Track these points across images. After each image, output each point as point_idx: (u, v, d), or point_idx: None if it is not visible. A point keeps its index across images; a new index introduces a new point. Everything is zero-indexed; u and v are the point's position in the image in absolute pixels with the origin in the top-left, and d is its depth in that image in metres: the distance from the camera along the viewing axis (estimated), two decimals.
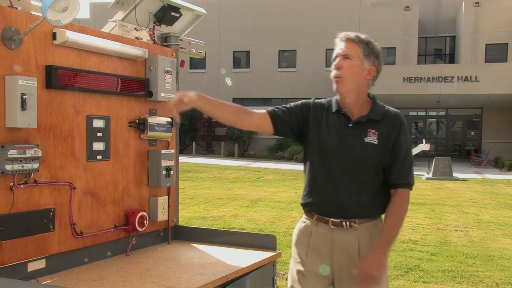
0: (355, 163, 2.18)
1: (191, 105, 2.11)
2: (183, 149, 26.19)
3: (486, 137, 26.49)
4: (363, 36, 2.23)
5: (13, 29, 2.09)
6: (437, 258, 6.05)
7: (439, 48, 30.33)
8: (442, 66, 26.82)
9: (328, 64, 27.17)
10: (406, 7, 26.91)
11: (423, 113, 28.79)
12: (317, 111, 2.30)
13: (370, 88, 2.29)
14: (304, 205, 2.33)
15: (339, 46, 2.21)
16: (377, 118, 2.22)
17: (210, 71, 29.09)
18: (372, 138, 2.19)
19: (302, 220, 2.34)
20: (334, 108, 2.27)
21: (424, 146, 18.44)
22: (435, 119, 29.92)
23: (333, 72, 2.21)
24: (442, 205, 10.55)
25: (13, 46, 2.10)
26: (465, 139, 28.73)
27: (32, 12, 2.23)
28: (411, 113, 28.61)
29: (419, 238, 7.09)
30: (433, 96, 23.69)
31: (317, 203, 2.26)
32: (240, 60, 29.60)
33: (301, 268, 2.26)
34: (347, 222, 2.19)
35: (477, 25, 26.27)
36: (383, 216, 2.25)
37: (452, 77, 22.65)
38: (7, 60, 2.09)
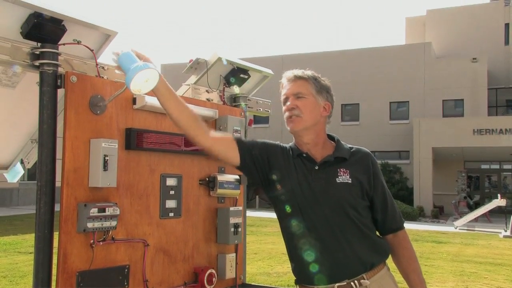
0: (335, 211, 1.94)
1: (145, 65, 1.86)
2: (247, 203, 26.28)
3: None
4: (309, 72, 2.10)
5: (99, 96, 2.28)
6: None
7: (511, 99, 29.10)
8: None
9: (392, 117, 26.83)
10: (474, 58, 26.30)
11: (497, 166, 27.33)
12: (285, 156, 2.09)
13: (327, 127, 2.13)
14: (298, 275, 2.04)
15: (287, 86, 2.07)
16: (344, 155, 2.04)
17: (273, 126, 29.53)
18: (344, 177, 1.99)
19: None
20: (295, 153, 2.07)
21: (499, 202, 17.37)
22: (511, 173, 28.24)
23: (286, 114, 2.05)
24: None
25: (98, 112, 2.28)
26: None
27: (116, 80, 2.42)
28: (483, 166, 27.26)
29: None
30: (507, 149, 22.51)
31: (314, 272, 1.95)
32: None
33: None
34: (355, 282, 1.93)
35: None
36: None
37: None
38: (92, 124, 2.27)
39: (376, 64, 27.56)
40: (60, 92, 2.23)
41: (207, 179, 2.89)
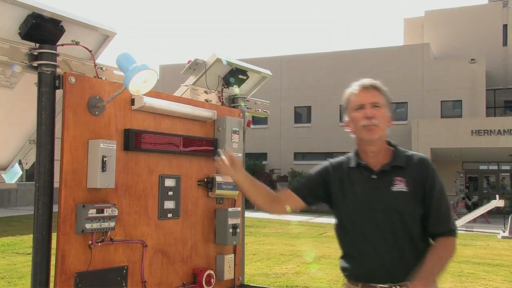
0: (389, 218, 2.01)
1: (237, 171, 2.16)
2: (245, 204, 26.28)
3: None
4: (380, 83, 2.16)
5: (97, 97, 2.28)
6: None
7: (510, 100, 29.15)
8: None
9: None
10: (472, 59, 26.35)
11: (495, 167, 27.35)
12: (337, 171, 2.19)
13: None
14: (343, 270, 2.17)
15: (362, 94, 2.11)
16: (401, 164, 2.08)
17: (272, 127, 29.55)
18: (400, 186, 2.03)
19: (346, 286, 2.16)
20: (353, 163, 2.15)
21: (498, 202, 17.38)
22: (509, 173, 28.29)
23: (365, 121, 2.08)
24: None
25: (96, 113, 2.28)
26: None
27: (114, 81, 2.42)
28: (481, 167, 27.29)
29: None
30: (505, 149, 22.55)
31: (359, 269, 2.08)
32: (301, 115, 29.90)
33: None
34: (397, 287, 1.99)
35: None
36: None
37: None
38: (91, 125, 2.27)
39: (374, 65, 27.58)
40: (59, 93, 2.23)
41: (205, 180, 2.89)
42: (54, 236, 2.15)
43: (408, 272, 1.98)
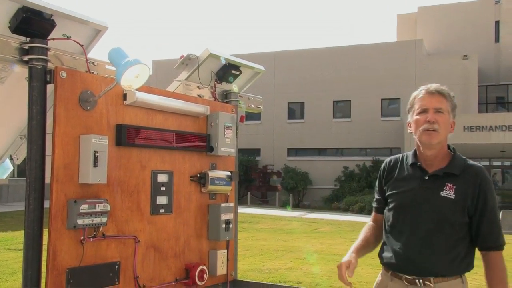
0: (428, 218, 2.14)
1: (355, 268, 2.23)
2: (238, 200, 26.28)
3: None
4: (446, 89, 2.24)
5: (89, 92, 2.26)
6: None
7: (501, 96, 29.32)
8: (505, 114, 25.77)
9: (384, 114, 26.93)
10: (464, 56, 26.46)
11: (487, 163, 27.52)
12: (391, 167, 2.35)
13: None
14: (380, 257, 2.33)
15: (427, 99, 2.19)
16: (455, 172, 2.17)
17: (265, 122, 29.53)
18: (448, 192, 2.13)
19: (380, 273, 2.35)
20: (410, 161, 2.27)
21: None
22: (500, 169, 28.51)
23: (426, 125, 2.16)
24: None
25: (88, 108, 2.26)
26: None
27: (106, 75, 2.40)
28: None
29: None
30: (497, 145, 22.70)
31: (390, 258, 2.24)
32: (295, 111, 29.91)
33: None
34: (421, 280, 2.12)
35: None
36: (466, 275, 2.18)
37: None
38: (82, 120, 2.25)
39: (367, 61, 27.62)
40: (50, 87, 2.21)
41: (198, 175, 2.88)
42: (45, 231, 2.13)
43: (435, 269, 2.12)
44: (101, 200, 2.24)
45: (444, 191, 2.14)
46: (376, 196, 2.45)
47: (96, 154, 2.20)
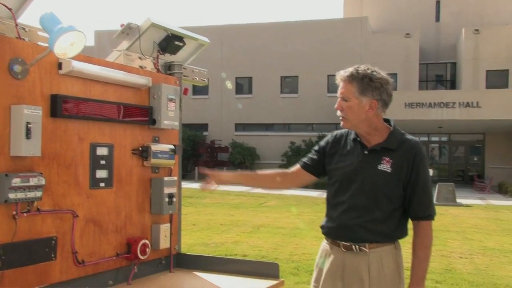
0: (366, 190, 2.25)
1: (225, 184, 2.37)
2: (186, 175, 26.15)
3: (489, 162, 26.42)
4: (360, 69, 2.25)
5: (20, 59, 2.13)
6: (442, 286, 5.97)
7: (440, 74, 30.57)
8: (444, 92, 26.98)
9: (330, 90, 27.39)
10: (407, 34, 27.24)
11: (425, 139, 28.82)
12: (337, 141, 2.44)
13: (383, 115, 2.35)
14: (321, 227, 2.45)
15: (339, 87, 2.31)
16: (392, 146, 2.27)
17: (213, 97, 29.32)
18: (385, 166, 2.24)
19: (322, 243, 2.47)
20: (352, 136, 2.38)
21: None
22: (438, 145, 29.95)
23: (338, 113, 2.32)
24: (446, 231, 10.45)
25: (19, 76, 2.14)
26: (468, 164, 28.66)
27: (39, 43, 2.27)
28: None
29: None
30: (435, 122, 23.75)
31: (329, 227, 2.37)
32: (243, 86, 29.85)
33: None
34: (357, 246, 2.25)
35: (477, 52, 26.52)
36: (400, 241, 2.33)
37: (454, 103, 22.76)
38: (13, 89, 2.12)
39: (315, 37, 27.87)
40: None
41: (140, 148, 2.82)
42: None
43: (370, 236, 2.25)
44: (35, 174, 2.14)
45: (381, 164, 2.24)
46: (311, 155, 2.52)
47: (29, 125, 2.09)
